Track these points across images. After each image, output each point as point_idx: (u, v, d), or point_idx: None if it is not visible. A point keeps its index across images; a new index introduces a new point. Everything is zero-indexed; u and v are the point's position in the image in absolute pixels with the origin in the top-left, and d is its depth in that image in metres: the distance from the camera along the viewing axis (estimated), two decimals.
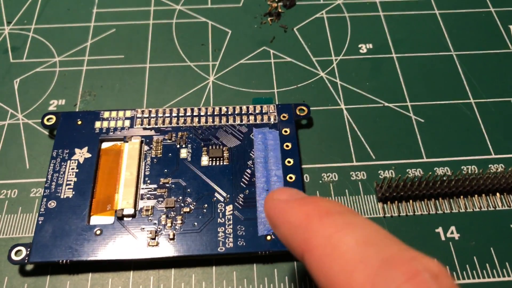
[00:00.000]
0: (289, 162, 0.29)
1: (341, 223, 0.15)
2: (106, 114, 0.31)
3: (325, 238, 0.15)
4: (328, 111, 0.32)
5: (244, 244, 0.26)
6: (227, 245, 0.26)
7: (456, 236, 0.27)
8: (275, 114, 0.31)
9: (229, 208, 0.27)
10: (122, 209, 0.27)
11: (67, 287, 0.26)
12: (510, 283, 0.26)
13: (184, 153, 0.29)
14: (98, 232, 0.26)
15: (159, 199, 0.28)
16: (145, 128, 0.30)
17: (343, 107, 0.33)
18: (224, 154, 0.29)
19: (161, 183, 0.28)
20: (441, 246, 0.27)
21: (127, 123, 0.30)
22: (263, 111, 0.31)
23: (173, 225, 0.27)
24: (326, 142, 0.31)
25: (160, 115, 0.31)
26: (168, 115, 0.31)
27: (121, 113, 0.31)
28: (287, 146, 0.29)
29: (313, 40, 0.36)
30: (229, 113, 0.31)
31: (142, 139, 0.30)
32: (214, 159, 0.29)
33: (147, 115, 0.31)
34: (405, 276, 0.13)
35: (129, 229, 0.26)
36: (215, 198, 0.28)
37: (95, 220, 0.27)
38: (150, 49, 0.36)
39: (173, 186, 0.28)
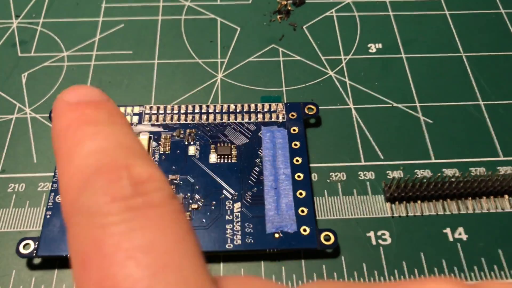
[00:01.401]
0: (297, 160, 0.29)
1: (88, 134, 0.14)
2: None
3: (67, 148, 0.14)
4: (336, 111, 0.32)
5: (252, 241, 0.26)
6: (235, 242, 0.26)
7: (464, 237, 0.27)
8: (284, 112, 0.31)
9: (237, 205, 0.27)
10: None
11: None
12: None
13: (192, 150, 0.29)
14: None
15: None
16: (153, 125, 0.30)
17: (351, 106, 0.33)
18: (232, 152, 0.29)
19: (169, 179, 0.28)
20: (449, 247, 0.27)
21: (135, 119, 0.30)
22: (272, 110, 0.31)
23: None
24: (335, 142, 0.31)
25: (168, 111, 0.31)
26: (177, 111, 0.31)
27: (129, 109, 0.31)
28: (295, 144, 0.29)
29: (322, 39, 0.36)
30: (238, 111, 0.31)
31: (150, 135, 0.30)
32: (222, 156, 0.29)
33: (155, 112, 0.31)
34: (106, 182, 0.13)
35: None
36: (223, 196, 0.28)
37: None
38: (159, 45, 0.36)
39: (181, 182, 0.28)
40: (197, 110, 0.31)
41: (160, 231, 0.12)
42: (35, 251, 0.25)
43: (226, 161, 0.29)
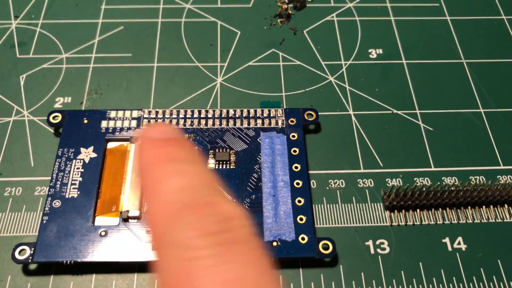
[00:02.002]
0: (296, 167, 0.29)
1: (173, 170, 0.16)
2: (112, 114, 0.30)
3: (154, 183, 0.16)
4: (336, 117, 0.32)
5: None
6: None
7: (463, 247, 0.27)
8: (283, 118, 0.31)
9: None
10: (128, 211, 0.27)
11: (70, 287, 0.26)
12: None
13: None
14: (103, 233, 0.26)
15: None
16: None
17: (351, 112, 0.32)
18: (231, 158, 0.29)
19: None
20: (448, 257, 0.27)
21: (134, 123, 0.30)
22: (271, 115, 0.31)
23: None
24: (334, 148, 0.31)
25: (167, 116, 0.31)
26: (175, 116, 0.31)
27: (127, 113, 0.31)
28: (294, 151, 0.29)
29: (322, 44, 0.36)
30: (237, 116, 0.31)
31: None
32: (220, 162, 0.29)
33: (154, 116, 0.30)
34: (194, 218, 0.14)
35: (134, 231, 0.26)
36: None
37: (100, 221, 0.27)
38: (158, 48, 0.35)
39: None
40: (195, 115, 0.31)
41: (247, 265, 0.13)
42: (31, 257, 0.25)
43: (224, 167, 0.29)
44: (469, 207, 0.28)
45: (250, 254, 0.14)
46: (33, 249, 0.25)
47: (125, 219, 0.27)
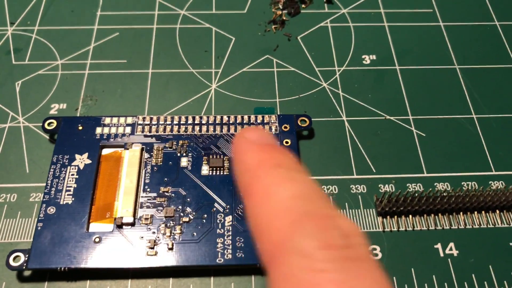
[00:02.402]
0: None
1: (284, 177, 0.16)
2: (107, 120, 0.31)
3: (265, 187, 0.16)
4: (329, 123, 0.32)
5: (243, 256, 0.26)
6: (225, 257, 0.26)
7: (455, 252, 0.27)
8: (277, 124, 0.31)
9: (229, 219, 0.27)
10: (122, 217, 0.27)
11: None
12: None
13: (184, 161, 0.29)
14: (97, 239, 0.26)
15: (158, 208, 0.28)
16: (146, 136, 0.30)
17: (344, 118, 0.33)
18: (225, 164, 0.29)
19: (161, 191, 0.28)
20: (440, 262, 0.27)
21: (128, 129, 0.30)
22: (265, 121, 0.31)
23: (172, 234, 0.27)
24: (327, 154, 0.31)
25: (161, 122, 0.31)
26: (170, 122, 0.31)
27: (122, 120, 0.31)
28: None
29: (316, 50, 0.36)
30: (231, 122, 0.31)
31: (143, 146, 0.30)
32: (214, 168, 0.29)
33: (148, 122, 0.31)
34: (316, 227, 0.14)
35: (128, 238, 0.26)
36: (214, 209, 0.28)
37: (94, 227, 0.27)
38: (153, 54, 0.36)
39: (172, 195, 0.28)
40: (190, 121, 0.31)
41: (372, 284, 0.13)
42: (25, 264, 0.25)
43: (218, 173, 0.29)
44: (461, 213, 0.29)
45: (374, 273, 0.13)
46: (27, 255, 0.25)
47: (119, 226, 0.27)
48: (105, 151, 0.30)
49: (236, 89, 0.34)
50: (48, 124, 0.31)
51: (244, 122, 0.31)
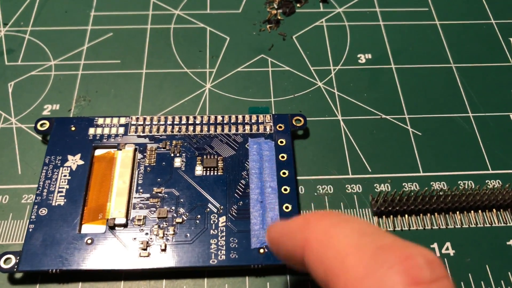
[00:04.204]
0: (284, 173, 0.28)
1: (337, 220, 0.16)
2: (100, 121, 0.30)
3: (322, 232, 0.15)
4: (324, 122, 0.32)
5: (236, 256, 0.26)
6: (219, 258, 0.26)
7: (452, 252, 0.27)
8: (271, 124, 0.31)
9: (222, 219, 0.27)
10: (114, 219, 0.26)
11: None
12: None
13: (178, 162, 0.29)
14: (89, 241, 0.26)
15: (151, 208, 0.27)
16: (139, 136, 0.30)
17: (340, 118, 0.32)
18: (219, 164, 0.29)
19: (154, 192, 0.28)
20: None
21: (121, 130, 0.30)
22: (259, 121, 0.31)
23: (165, 235, 0.26)
24: (322, 154, 0.31)
25: (155, 122, 0.30)
26: (163, 123, 0.30)
27: (115, 120, 0.30)
28: (282, 157, 0.29)
29: (311, 49, 0.36)
30: (225, 122, 0.31)
31: (136, 147, 0.29)
32: (208, 169, 0.29)
33: (141, 123, 0.30)
34: (399, 259, 0.13)
35: (121, 239, 0.26)
36: (208, 209, 0.27)
37: (86, 228, 0.27)
38: (147, 55, 0.35)
39: (166, 195, 0.28)
40: (184, 121, 0.31)
41: None
42: (16, 266, 0.25)
43: (212, 173, 0.29)
44: (458, 212, 0.28)
45: None
46: (18, 257, 0.25)
47: (112, 227, 0.26)
48: (98, 152, 0.29)
49: (230, 88, 0.34)
50: (41, 125, 0.30)
51: (239, 122, 0.31)
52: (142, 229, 0.26)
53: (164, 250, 0.26)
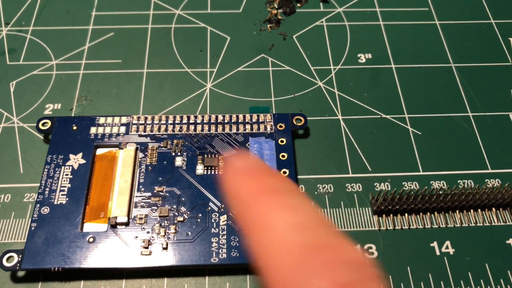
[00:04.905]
0: (284, 172, 0.29)
1: (281, 204, 0.15)
2: (101, 120, 0.30)
3: (262, 217, 0.15)
4: (325, 121, 0.32)
5: (237, 255, 0.26)
6: (220, 256, 0.26)
7: (451, 251, 0.27)
8: (272, 123, 0.31)
9: (223, 218, 0.27)
10: (116, 217, 0.27)
11: None
12: None
13: (179, 161, 0.29)
14: (91, 239, 0.26)
15: (153, 207, 0.27)
16: (140, 135, 0.30)
17: (340, 117, 0.32)
18: (219, 163, 0.29)
19: (155, 191, 0.28)
20: (436, 261, 0.27)
21: (123, 129, 0.30)
22: (260, 120, 0.31)
23: (167, 234, 0.26)
24: (323, 153, 0.31)
25: (156, 122, 0.31)
26: (164, 122, 0.31)
27: (116, 119, 0.31)
28: (283, 156, 0.29)
29: (312, 49, 0.36)
30: (226, 121, 0.31)
31: (137, 146, 0.30)
32: (209, 168, 0.29)
33: (142, 122, 0.31)
34: (323, 263, 0.13)
35: (122, 238, 0.26)
36: (209, 208, 0.27)
37: (88, 227, 0.27)
38: (148, 54, 0.36)
39: (167, 194, 0.28)
40: (185, 121, 0.31)
41: None
42: (18, 264, 0.25)
43: (213, 172, 0.29)
44: (457, 211, 0.29)
45: None
46: (21, 256, 0.25)
47: (113, 225, 0.27)
48: (99, 151, 0.30)
49: (231, 88, 0.34)
50: (43, 124, 0.30)
51: (239, 121, 0.31)
52: (143, 228, 0.27)
53: (165, 248, 0.26)
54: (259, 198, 0.15)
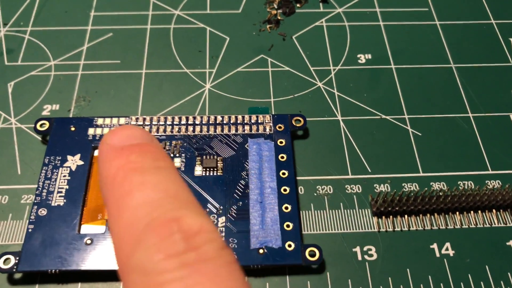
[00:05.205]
0: (283, 174, 0.28)
1: (136, 183, 0.14)
2: (99, 121, 0.30)
3: (118, 198, 0.14)
4: (324, 122, 0.32)
5: (236, 257, 0.25)
6: None
7: (451, 252, 0.27)
8: (271, 124, 0.31)
9: (222, 220, 0.27)
10: None
11: None
12: None
13: (177, 162, 0.29)
14: (89, 241, 0.26)
15: None
16: None
17: (339, 118, 0.32)
18: (218, 165, 0.29)
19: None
20: (436, 263, 0.27)
21: None
22: (259, 121, 0.31)
23: None
24: (322, 154, 0.31)
25: (154, 123, 0.30)
26: (163, 123, 0.30)
27: (115, 120, 0.30)
28: (282, 157, 0.29)
29: (311, 49, 0.36)
30: (225, 122, 0.31)
31: None
32: (208, 169, 0.29)
33: (141, 123, 0.30)
34: (158, 238, 0.13)
35: None
36: (207, 209, 0.27)
37: (86, 229, 0.27)
38: (147, 55, 0.35)
39: None
40: (183, 122, 0.31)
41: (216, 285, 0.12)
42: (15, 266, 0.25)
43: (212, 174, 0.29)
44: (457, 213, 0.28)
45: (221, 271, 0.13)
46: (18, 258, 0.25)
47: None
48: (97, 152, 0.29)
49: (230, 89, 0.34)
50: (40, 125, 0.30)
51: (238, 122, 0.31)
52: None
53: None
54: (120, 177, 0.15)
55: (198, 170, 0.29)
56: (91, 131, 0.30)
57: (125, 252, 0.13)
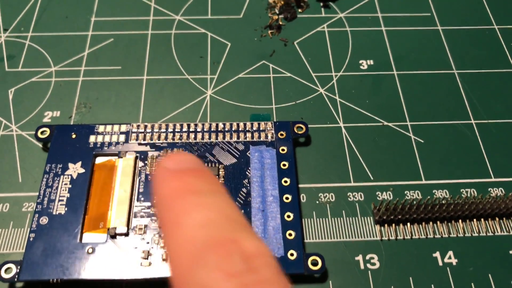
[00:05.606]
0: (285, 182, 0.28)
1: (194, 204, 0.15)
2: (101, 128, 0.30)
3: (174, 217, 0.15)
4: (326, 129, 0.32)
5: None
6: None
7: (454, 261, 0.27)
8: (273, 131, 0.30)
9: None
10: (115, 228, 0.26)
11: None
12: None
13: None
14: (90, 250, 0.26)
15: (152, 217, 0.27)
16: (140, 144, 0.30)
17: (341, 125, 0.32)
18: (220, 173, 0.29)
19: (155, 201, 0.28)
20: (439, 271, 0.27)
21: (122, 138, 0.30)
22: (261, 128, 0.31)
23: None
24: (324, 161, 0.31)
25: (156, 130, 0.30)
26: (164, 130, 0.30)
27: (116, 127, 0.30)
28: (284, 165, 0.29)
29: (313, 55, 0.36)
30: (226, 129, 0.30)
31: (137, 154, 0.29)
32: None
33: (142, 130, 0.30)
34: (217, 257, 0.13)
35: (122, 248, 0.26)
36: None
37: (87, 237, 0.26)
38: (148, 61, 0.35)
39: None
40: (185, 129, 0.30)
41: None
42: (17, 276, 0.25)
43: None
44: (460, 221, 0.28)
45: None
46: (19, 267, 0.25)
47: (113, 236, 0.26)
48: (98, 160, 0.29)
49: (232, 95, 0.34)
50: (41, 133, 0.30)
51: (240, 129, 0.30)
52: (143, 238, 0.26)
53: (165, 259, 0.26)
54: (176, 198, 0.15)
55: None
56: (92, 138, 0.30)
57: (183, 268, 0.14)
